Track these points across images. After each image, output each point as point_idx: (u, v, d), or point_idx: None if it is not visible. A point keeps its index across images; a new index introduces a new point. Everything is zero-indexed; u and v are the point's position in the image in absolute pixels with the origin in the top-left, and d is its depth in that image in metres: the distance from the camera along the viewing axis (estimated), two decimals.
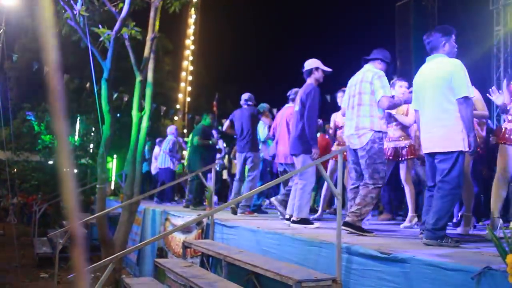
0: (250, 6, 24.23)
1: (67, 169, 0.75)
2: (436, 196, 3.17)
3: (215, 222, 4.92)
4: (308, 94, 4.63)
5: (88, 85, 13.49)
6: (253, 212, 6.34)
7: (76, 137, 14.92)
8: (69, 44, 7.58)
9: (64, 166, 0.75)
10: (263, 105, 7.15)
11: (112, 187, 13.59)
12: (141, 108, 6.47)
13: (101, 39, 6.22)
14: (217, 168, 9.62)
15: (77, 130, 15.24)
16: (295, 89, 5.87)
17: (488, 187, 5.84)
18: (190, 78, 25.96)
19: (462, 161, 3.16)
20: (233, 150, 9.21)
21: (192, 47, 26.06)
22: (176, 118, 21.39)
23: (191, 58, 26.09)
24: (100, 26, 6.20)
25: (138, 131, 6.34)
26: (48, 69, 0.75)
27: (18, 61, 16.90)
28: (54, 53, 0.75)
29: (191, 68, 26.06)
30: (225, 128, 6.86)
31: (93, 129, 14.87)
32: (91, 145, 15.01)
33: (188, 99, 25.62)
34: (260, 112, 6.74)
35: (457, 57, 3.45)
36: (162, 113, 16.05)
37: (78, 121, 15.25)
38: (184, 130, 21.95)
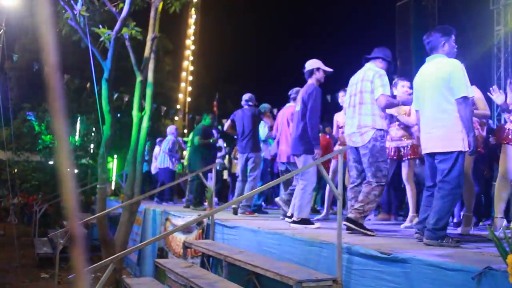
0: (250, 6, 24.23)
1: (67, 169, 0.75)
2: (437, 196, 3.16)
3: (216, 222, 4.91)
4: (310, 95, 4.63)
5: (89, 85, 13.49)
6: (254, 212, 6.34)
7: (77, 137, 14.91)
8: (70, 44, 7.58)
9: (64, 166, 0.75)
10: (265, 105, 7.14)
11: (113, 187, 13.58)
12: (142, 108, 6.47)
13: (102, 39, 6.22)
14: (218, 168, 9.62)
15: (78, 130, 15.23)
16: (296, 88, 5.86)
17: (489, 187, 5.87)
18: (191, 78, 25.99)
19: (462, 161, 3.16)
20: (234, 150, 9.21)
21: (193, 47, 26.08)
22: (177, 118, 21.39)
23: (192, 58, 26.11)
24: (101, 26, 6.20)
25: (139, 131, 6.35)
26: (48, 69, 0.75)
27: (19, 61, 16.91)
28: (54, 53, 0.74)
29: (192, 68, 26.08)
30: (226, 128, 6.84)
31: (94, 129, 14.86)
32: (92, 145, 15.01)
33: (189, 99, 25.64)
34: (262, 113, 6.73)
35: (458, 57, 3.44)
36: (163, 113, 16.05)
37: (79, 121, 15.24)
38: (185, 130, 21.96)
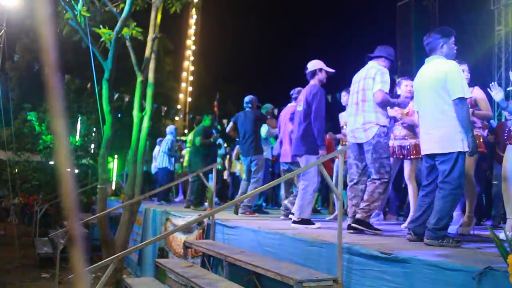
0: (251, 6, 24.25)
1: (67, 170, 0.75)
2: (438, 196, 3.16)
3: (216, 222, 4.91)
4: (314, 96, 4.62)
5: (89, 86, 13.51)
6: (254, 212, 6.34)
7: (77, 137, 14.91)
8: (70, 45, 7.58)
9: (64, 166, 0.74)
10: (267, 106, 7.16)
11: (113, 187, 13.58)
12: (142, 108, 6.47)
13: (102, 40, 6.22)
14: (219, 167, 9.62)
15: (78, 130, 15.23)
16: (298, 88, 5.86)
17: (489, 187, 5.85)
18: (191, 78, 26.03)
19: (463, 161, 3.15)
20: (236, 151, 9.20)
21: (193, 47, 26.13)
22: (177, 118, 21.41)
23: (192, 58, 26.15)
24: (101, 27, 6.21)
25: (139, 131, 6.35)
26: (47, 69, 0.75)
27: (19, 61, 16.94)
28: (53, 53, 0.74)
29: (192, 68, 26.12)
30: (229, 130, 6.86)
31: (94, 130, 14.87)
32: (92, 146, 15.01)
33: (189, 99, 25.68)
34: (264, 115, 6.74)
35: (458, 57, 3.44)
36: (163, 113, 16.07)
37: (79, 121, 15.25)
38: (185, 130, 21.97)
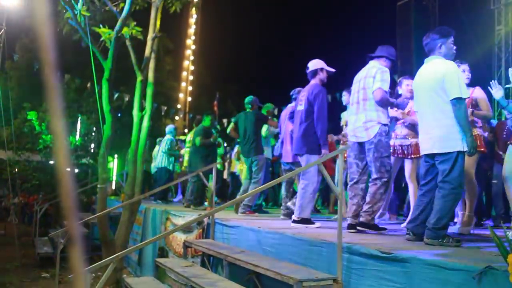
0: (251, 6, 24.24)
1: (66, 169, 0.74)
2: (438, 196, 3.16)
3: (216, 222, 4.91)
4: (317, 95, 4.63)
5: (89, 85, 13.50)
6: (254, 212, 6.35)
7: (77, 137, 14.91)
8: (70, 44, 7.58)
9: (63, 166, 0.74)
10: (268, 105, 7.16)
11: (113, 187, 13.58)
12: (142, 108, 6.47)
13: (102, 39, 6.22)
14: (219, 167, 9.61)
15: (78, 130, 15.23)
16: (298, 89, 5.86)
17: (489, 187, 5.85)
18: (191, 78, 26.03)
19: (462, 161, 3.16)
20: (236, 150, 9.20)
21: (193, 47, 26.12)
22: (177, 118, 21.40)
23: (192, 58, 26.15)
24: (101, 26, 6.20)
25: (139, 131, 6.35)
26: (46, 68, 0.75)
27: (19, 61, 16.93)
28: (52, 52, 0.74)
29: (192, 68, 26.12)
30: (230, 131, 6.88)
31: (94, 129, 14.86)
32: (92, 145, 15.00)
33: (189, 99, 25.68)
34: (265, 116, 6.74)
35: (458, 57, 3.44)
36: (163, 113, 16.05)
37: (79, 121, 15.24)
38: (185, 130, 21.96)
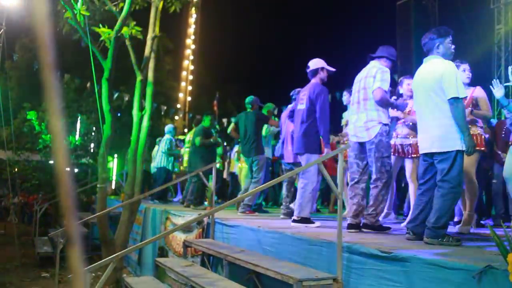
0: (251, 5, 24.23)
1: (64, 168, 0.74)
2: (437, 195, 3.17)
3: (216, 221, 4.91)
4: (319, 95, 4.63)
5: (89, 85, 13.49)
6: (254, 211, 6.35)
7: (77, 137, 14.91)
8: (70, 44, 7.58)
9: (61, 165, 0.74)
10: (269, 105, 7.16)
11: (113, 187, 13.58)
12: (142, 108, 6.47)
13: (102, 39, 6.22)
14: (219, 166, 9.61)
15: (78, 130, 15.23)
16: (298, 89, 5.85)
17: (490, 186, 5.85)
18: (191, 78, 26.02)
19: (461, 160, 3.16)
20: (235, 150, 9.19)
21: (193, 47, 26.11)
22: (177, 118, 21.40)
23: (192, 58, 26.13)
24: (101, 26, 6.20)
25: (139, 131, 6.34)
26: (44, 67, 0.75)
27: (19, 61, 16.93)
28: (50, 51, 0.74)
29: (192, 68, 26.11)
30: (230, 131, 6.88)
31: (94, 129, 14.85)
32: (92, 145, 15.00)
33: (189, 99, 25.67)
34: (266, 116, 6.74)
35: (458, 56, 3.44)
36: (163, 113, 16.04)
37: (79, 121, 15.24)
38: (185, 130, 21.95)
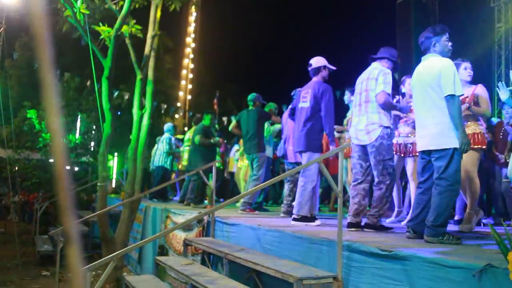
0: (251, 4, 24.20)
1: (62, 166, 0.74)
2: (434, 193, 3.17)
3: (216, 220, 4.92)
4: (324, 93, 4.64)
5: (89, 83, 13.50)
6: (254, 210, 6.35)
7: (77, 135, 14.91)
8: (70, 42, 7.57)
9: (59, 163, 0.73)
10: (271, 104, 7.16)
11: (113, 185, 13.58)
12: (142, 106, 6.46)
13: (102, 37, 6.21)
14: (219, 165, 9.60)
15: (78, 128, 15.23)
16: (299, 89, 5.85)
17: (490, 185, 5.86)
18: (191, 76, 25.99)
19: (458, 158, 3.16)
20: (236, 148, 9.19)
21: (193, 45, 26.08)
22: (177, 116, 21.40)
23: (192, 56, 26.10)
24: (101, 24, 6.19)
25: (139, 129, 6.34)
26: (42, 65, 0.74)
27: (19, 59, 16.93)
28: (48, 49, 0.74)
29: (192, 66, 26.08)
30: (232, 128, 6.88)
31: (94, 127, 14.85)
32: (92, 143, 15.00)
33: (189, 97, 25.65)
34: (267, 113, 6.74)
35: (459, 54, 3.45)
36: (163, 111, 16.05)
37: (79, 119, 15.23)
38: (185, 128, 21.96)
